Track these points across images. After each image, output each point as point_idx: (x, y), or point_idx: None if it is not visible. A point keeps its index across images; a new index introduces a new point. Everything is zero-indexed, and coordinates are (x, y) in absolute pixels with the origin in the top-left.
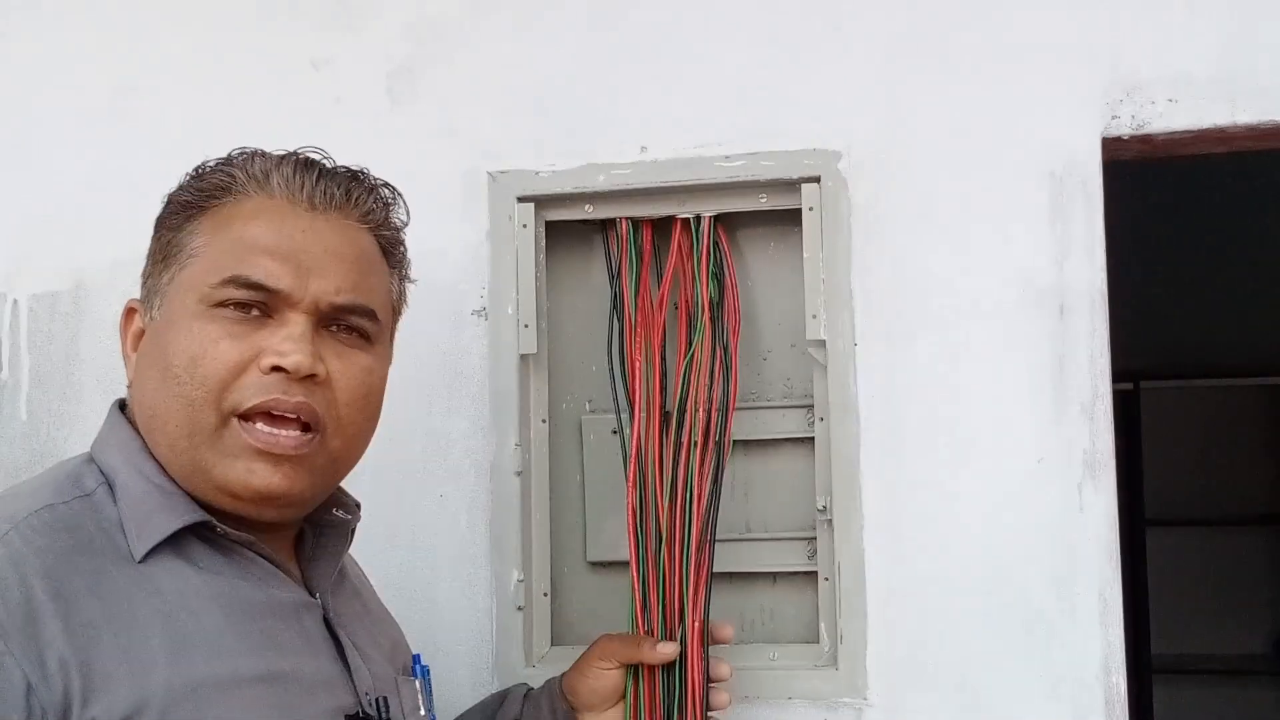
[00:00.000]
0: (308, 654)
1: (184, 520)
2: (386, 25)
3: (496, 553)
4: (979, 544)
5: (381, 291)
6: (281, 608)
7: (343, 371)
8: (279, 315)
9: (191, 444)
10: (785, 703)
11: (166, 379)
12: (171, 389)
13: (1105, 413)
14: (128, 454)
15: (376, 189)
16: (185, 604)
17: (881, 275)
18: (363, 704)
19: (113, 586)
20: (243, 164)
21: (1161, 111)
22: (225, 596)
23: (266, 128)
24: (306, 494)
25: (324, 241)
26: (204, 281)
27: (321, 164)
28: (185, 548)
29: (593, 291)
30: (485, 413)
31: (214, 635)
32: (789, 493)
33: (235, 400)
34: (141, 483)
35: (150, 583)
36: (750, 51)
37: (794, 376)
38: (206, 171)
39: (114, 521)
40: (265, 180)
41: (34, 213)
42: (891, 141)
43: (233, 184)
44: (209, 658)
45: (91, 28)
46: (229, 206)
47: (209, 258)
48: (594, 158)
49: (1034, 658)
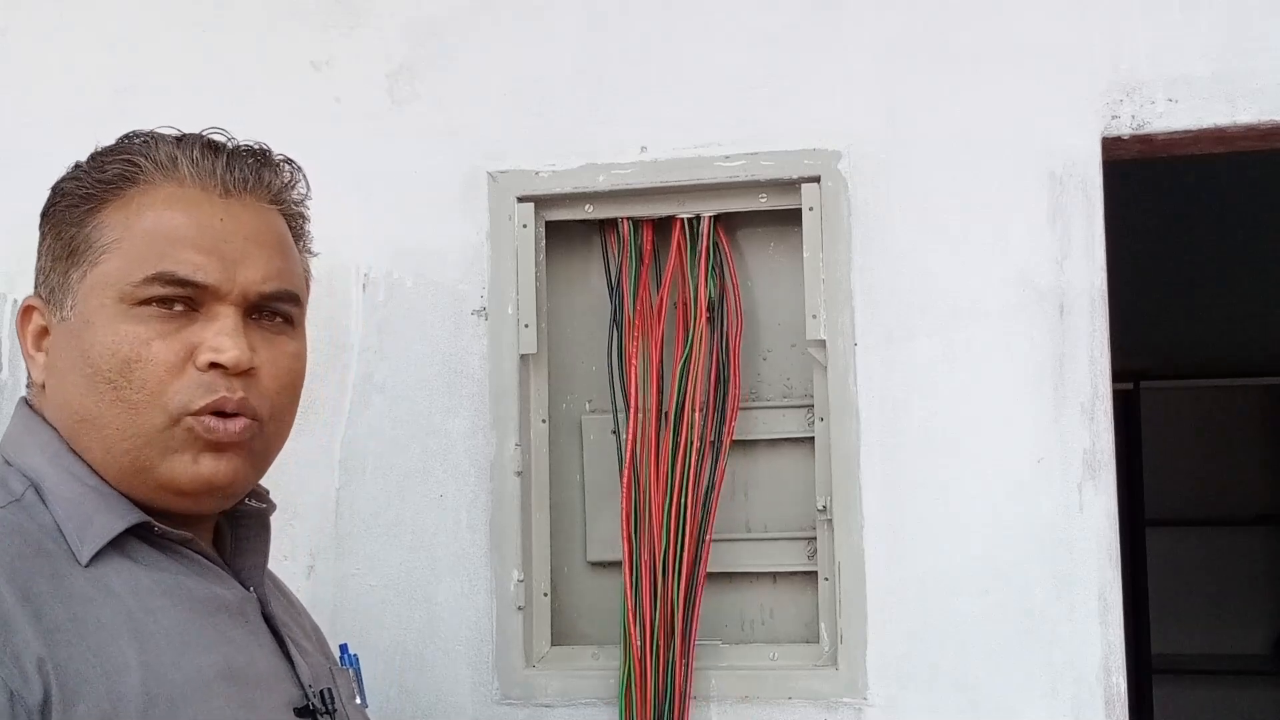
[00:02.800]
0: (256, 649)
1: (126, 521)
2: (386, 25)
3: (496, 553)
4: (979, 544)
5: (299, 273)
6: (226, 604)
7: (272, 360)
8: (206, 308)
9: (133, 445)
10: (785, 703)
11: (96, 382)
12: (105, 393)
13: (1105, 413)
14: (51, 454)
15: (281, 166)
16: (142, 603)
17: (881, 275)
18: (309, 696)
19: (72, 589)
20: (145, 150)
21: (1161, 111)
22: (176, 594)
23: (266, 128)
24: (246, 482)
25: (243, 228)
26: (124, 279)
27: (226, 145)
28: (126, 548)
29: (593, 291)
30: (485, 413)
31: (176, 634)
32: (789, 493)
33: (182, 401)
34: (74, 484)
35: (103, 584)
36: (750, 52)
37: (794, 376)
38: (105, 160)
39: (49, 525)
40: (173, 166)
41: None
42: (891, 141)
43: (138, 173)
44: (176, 657)
45: (92, 28)
46: (137, 197)
47: (125, 253)
48: (594, 158)
49: (1034, 657)
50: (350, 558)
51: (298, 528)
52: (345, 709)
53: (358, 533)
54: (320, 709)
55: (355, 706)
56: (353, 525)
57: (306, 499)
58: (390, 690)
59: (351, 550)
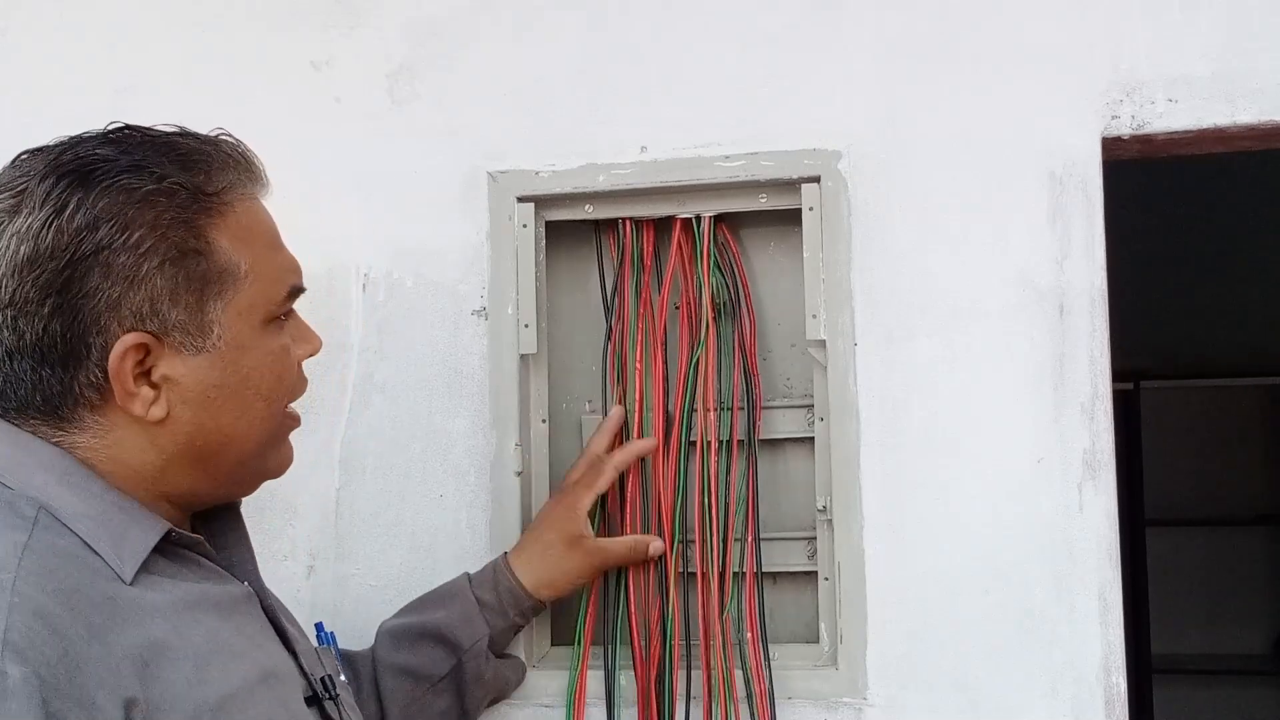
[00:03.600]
0: (271, 645)
1: (158, 532)
2: (386, 25)
3: (496, 553)
4: (979, 544)
5: None
6: (238, 602)
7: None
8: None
9: (267, 447)
10: (785, 703)
11: (251, 401)
12: (258, 409)
13: (1105, 413)
14: (60, 473)
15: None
16: (179, 616)
17: (881, 275)
18: (313, 684)
19: (125, 611)
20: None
21: (1161, 111)
22: (204, 603)
23: (267, 128)
24: None
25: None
26: (269, 299)
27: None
28: (147, 561)
29: (593, 291)
30: (485, 413)
31: (215, 642)
32: (789, 493)
33: (295, 395)
34: (93, 501)
35: (146, 600)
36: (750, 51)
37: (794, 376)
38: (200, 175)
39: (75, 545)
40: (248, 165)
41: None
42: (891, 141)
43: (236, 182)
44: (221, 666)
45: (92, 28)
46: (236, 206)
47: (263, 275)
48: (594, 158)
49: (1033, 657)
50: (350, 558)
51: (297, 528)
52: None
53: (358, 533)
54: (325, 695)
55: (341, 684)
56: (353, 525)
57: (306, 499)
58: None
59: (351, 550)
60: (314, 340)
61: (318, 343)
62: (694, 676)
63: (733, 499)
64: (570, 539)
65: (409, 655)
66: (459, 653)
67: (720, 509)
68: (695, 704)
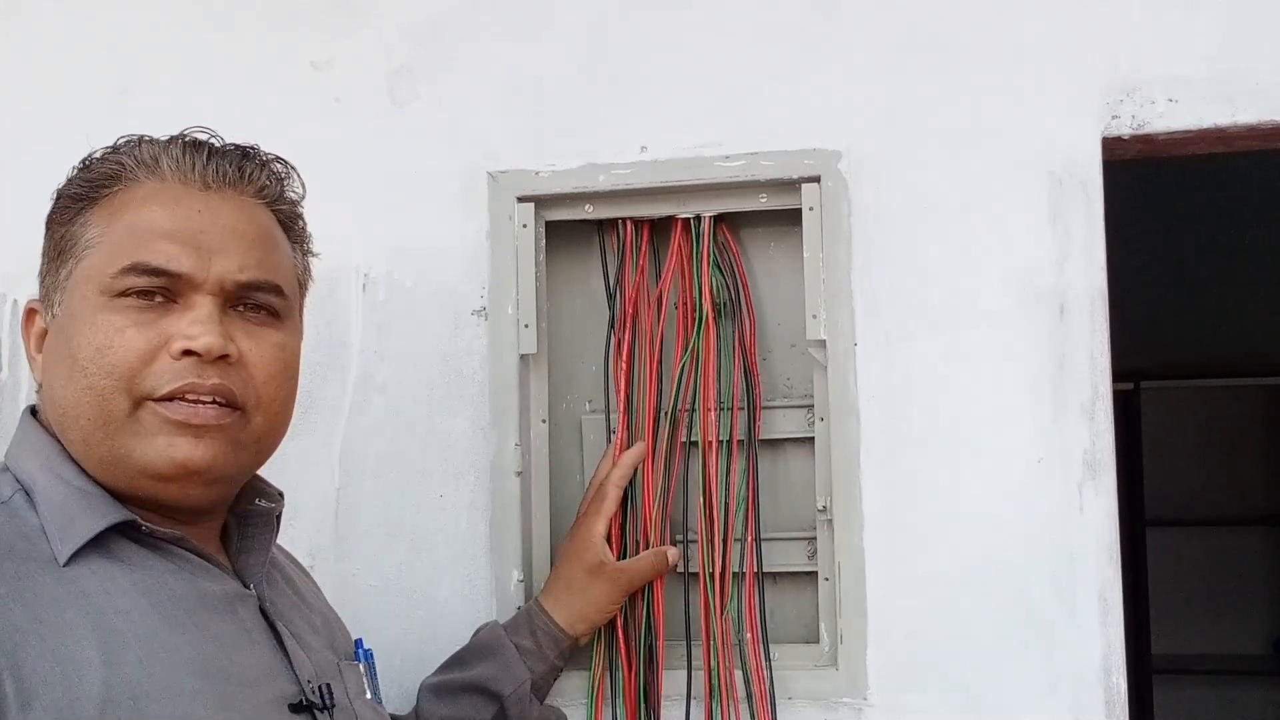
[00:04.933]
0: (245, 645)
1: (108, 520)
2: (386, 25)
3: (496, 553)
4: (979, 544)
5: (285, 266)
6: (214, 600)
7: (255, 350)
8: (184, 299)
9: (106, 434)
10: (785, 703)
11: (74, 373)
12: (79, 382)
13: (1105, 413)
14: (44, 459)
15: (269, 164)
16: (114, 604)
17: (881, 275)
18: (306, 692)
19: (37, 591)
20: (130, 150)
21: (1161, 111)
22: (155, 592)
23: (266, 128)
24: (230, 469)
25: (221, 220)
26: (103, 272)
27: (210, 143)
28: (113, 548)
29: (593, 291)
30: (485, 413)
31: (147, 633)
32: (789, 493)
33: (148, 387)
34: (61, 487)
35: (75, 585)
36: (750, 51)
37: (794, 376)
38: (94, 162)
39: (34, 528)
40: (155, 164)
41: (35, 213)
42: (891, 141)
43: (122, 171)
44: (144, 657)
45: (92, 28)
46: (120, 194)
47: (105, 248)
48: (594, 158)
49: (1034, 657)
50: (350, 558)
51: (298, 528)
52: (351, 704)
53: (358, 533)
54: (315, 704)
55: (365, 702)
56: (353, 525)
57: (306, 499)
58: (390, 690)
59: (351, 550)
60: (194, 335)
61: (198, 341)
62: (694, 677)
63: (733, 499)
64: (591, 568)
65: (451, 707)
66: (501, 699)
67: (720, 509)
68: (696, 704)
